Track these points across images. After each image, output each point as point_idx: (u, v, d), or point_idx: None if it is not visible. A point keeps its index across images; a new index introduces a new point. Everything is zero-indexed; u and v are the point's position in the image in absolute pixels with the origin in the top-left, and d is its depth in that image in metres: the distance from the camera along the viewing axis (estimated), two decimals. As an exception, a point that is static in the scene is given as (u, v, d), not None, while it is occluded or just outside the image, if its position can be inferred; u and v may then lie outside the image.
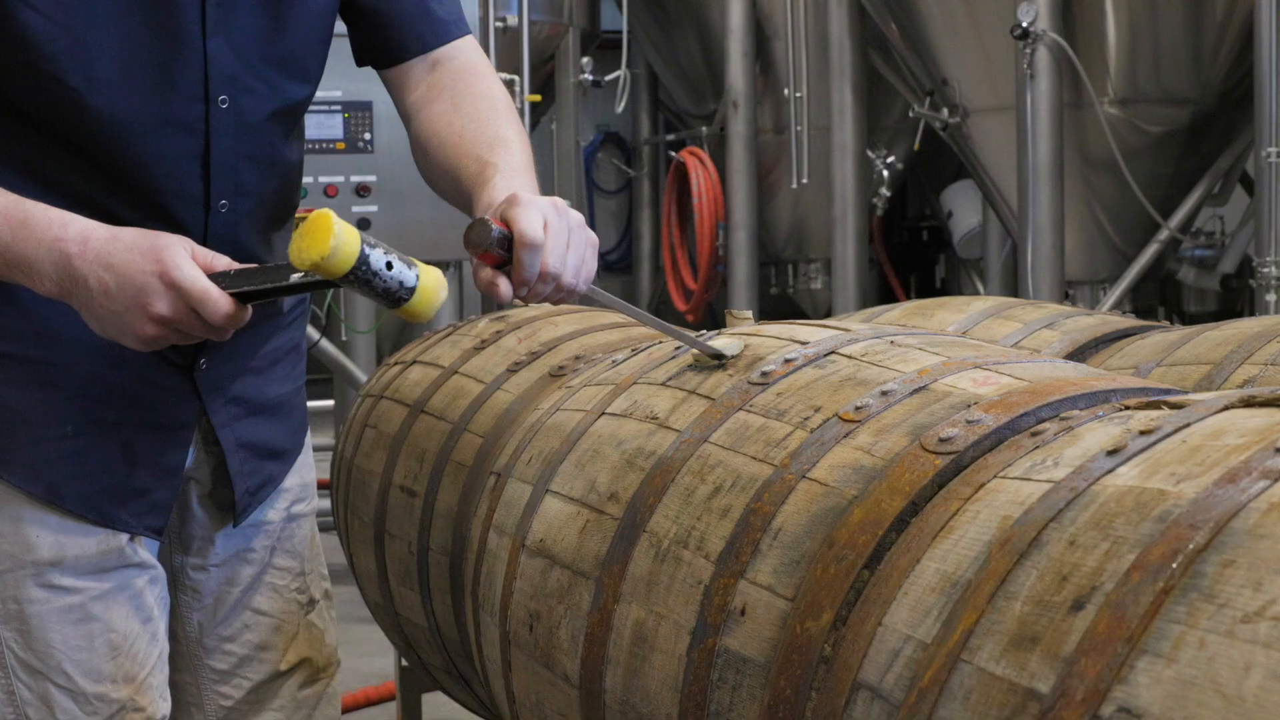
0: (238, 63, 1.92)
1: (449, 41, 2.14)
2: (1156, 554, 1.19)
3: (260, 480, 2.14)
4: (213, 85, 1.91)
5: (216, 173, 1.94)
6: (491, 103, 2.10)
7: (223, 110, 1.92)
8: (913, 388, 1.78)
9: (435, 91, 2.11)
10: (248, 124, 1.96)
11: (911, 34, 6.61)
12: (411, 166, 2.16)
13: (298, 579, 2.23)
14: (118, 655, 2.00)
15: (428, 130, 2.09)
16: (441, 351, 3.16)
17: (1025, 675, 1.24)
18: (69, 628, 1.98)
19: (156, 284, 1.69)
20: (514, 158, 1.98)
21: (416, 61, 2.14)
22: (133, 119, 1.87)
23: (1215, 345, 2.57)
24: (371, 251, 1.65)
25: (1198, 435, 1.35)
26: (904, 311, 3.42)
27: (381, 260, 1.66)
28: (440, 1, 2.14)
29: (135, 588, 2.02)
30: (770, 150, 7.95)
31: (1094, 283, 6.41)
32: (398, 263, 1.67)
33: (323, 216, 1.64)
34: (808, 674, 1.56)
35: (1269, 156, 5.40)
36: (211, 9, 1.88)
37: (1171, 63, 6.06)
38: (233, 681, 2.20)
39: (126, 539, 2.01)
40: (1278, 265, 5.43)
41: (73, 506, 1.97)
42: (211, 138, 1.92)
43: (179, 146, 1.91)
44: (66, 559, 1.97)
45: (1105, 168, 6.16)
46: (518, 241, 1.77)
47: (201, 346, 2.02)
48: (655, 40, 8.57)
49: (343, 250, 1.62)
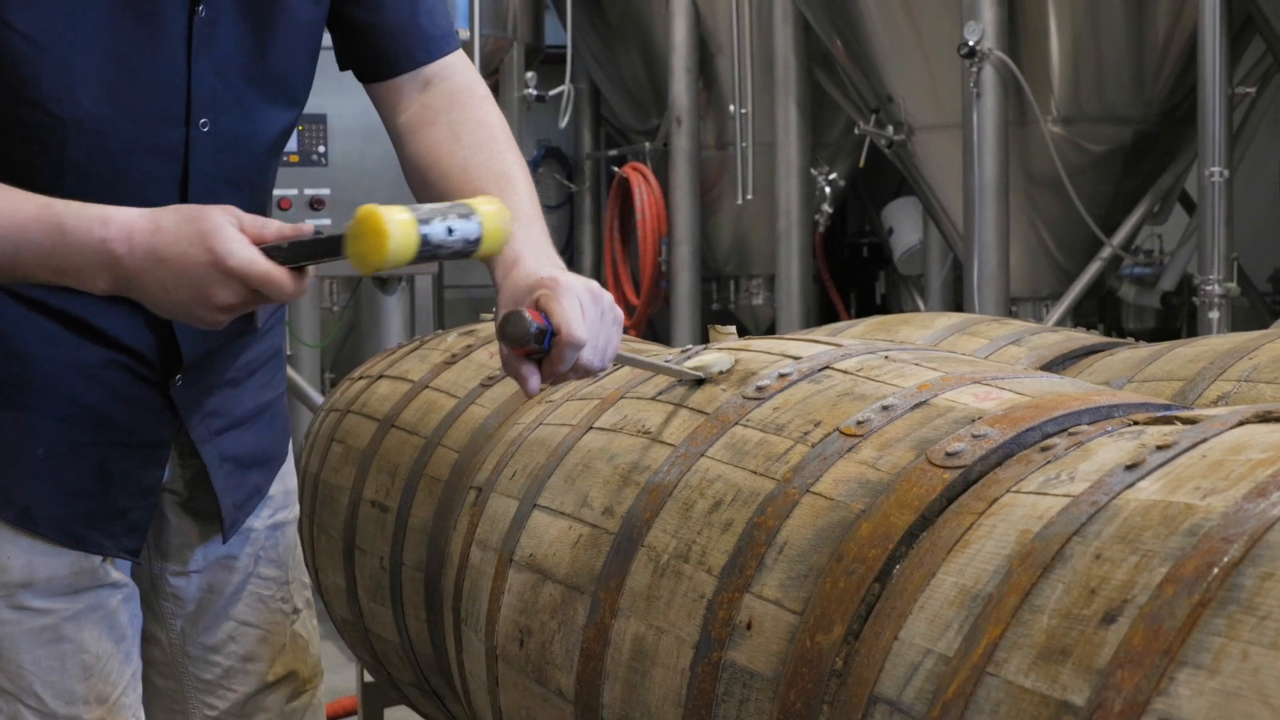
0: (220, 84, 1.88)
1: (439, 58, 2.10)
2: (1190, 567, 1.21)
3: (247, 493, 2.12)
4: (194, 108, 1.86)
5: (194, 195, 1.89)
6: (490, 131, 2.06)
7: (203, 133, 1.88)
8: (913, 402, 1.79)
9: (430, 115, 2.06)
10: (226, 146, 1.91)
11: (857, 51, 6.64)
12: (365, 179, 2.15)
13: (281, 588, 2.21)
14: (90, 676, 1.97)
15: (427, 159, 2.04)
16: (410, 365, 3.15)
17: (1057, 688, 1.25)
18: (40, 649, 1.94)
19: (214, 274, 1.63)
20: (524, 202, 1.94)
21: (407, 78, 2.09)
22: (112, 143, 1.83)
23: (1187, 362, 2.60)
24: (429, 229, 1.59)
25: (1218, 450, 1.37)
26: (867, 327, 3.44)
27: (442, 230, 1.60)
28: (431, 15, 2.10)
29: (108, 607, 1.99)
30: (713, 166, 7.97)
31: (1036, 299, 6.46)
32: (457, 221, 1.61)
33: (371, 218, 1.57)
34: (819, 688, 1.57)
35: (1211, 176, 5.46)
36: (198, 29, 1.84)
37: (1114, 82, 6.12)
38: (218, 692, 2.17)
39: (100, 559, 1.98)
40: (1220, 283, 5.50)
41: (46, 531, 1.93)
42: (190, 161, 1.88)
43: (158, 170, 1.87)
44: (38, 580, 1.93)
45: (1048, 186, 6.21)
46: (563, 341, 1.74)
47: (177, 364, 1.99)
48: (598, 55, 8.57)
49: (401, 249, 1.57)
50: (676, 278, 7.82)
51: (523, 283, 1.82)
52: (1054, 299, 6.38)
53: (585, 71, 8.81)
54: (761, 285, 8.16)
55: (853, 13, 6.52)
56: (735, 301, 8.28)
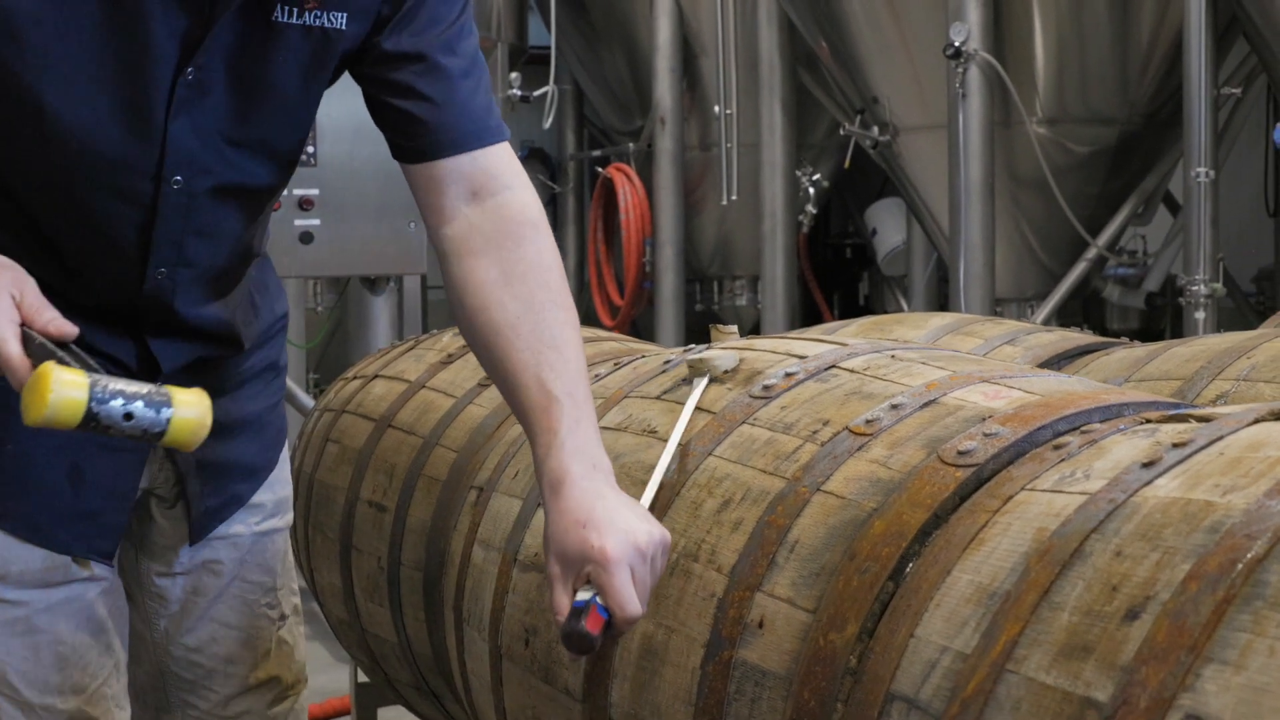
0: (198, 144, 1.85)
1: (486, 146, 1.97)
2: (1213, 564, 1.21)
3: (222, 500, 2.11)
4: (168, 166, 1.85)
5: (159, 244, 1.89)
6: (545, 279, 1.92)
7: (173, 189, 1.86)
8: (923, 401, 1.80)
9: (479, 242, 1.94)
10: (201, 204, 1.89)
11: (842, 52, 6.66)
12: (354, 179, 2.12)
13: (269, 593, 2.21)
14: (66, 666, 1.98)
15: (475, 301, 1.92)
16: (405, 366, 3.14)
17: (1080, 684, 1.25)
18: (14, 639, 1.95)
19: None
20: (575, 381, 1.85)
21: (449, 171, 1.95)
22: (79, 182, 1.83)
23: (1184, 361, 2.62)
24: (103, 408, 1.60)
25: (1234, 448, 1.38)
26: (861, 328, 3.45)
27: (118, 412, 1.61)
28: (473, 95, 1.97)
29: (85, 599, 2.00)
30: (696, 167, 7.98)
31: (1021, 300, 6.48)
32: (142, 409, 1.62)
33: (42, 376, 1.60)
34: (833, 686, 1.57)
35: (1197, 176, 5.49)
36: (181, 90, 1.81)
37: (1099, 84, 6.15)
38: (199, 692, 2.18)
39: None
40: (1206, 284, 5.53)
41: (10, 527, 1.94)
42: (158, 213, 1.87)
43: (122, 213, 1.87)
44: (10, 573, 1.94)
45: (1034, 186, 6.24)
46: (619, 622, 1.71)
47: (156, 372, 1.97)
48: (582, 56, 8.58)
49: (61, 414, 1.59)
50: (660, 279, 7.83)
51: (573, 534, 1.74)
52: (1039, 300, 6.41)
53: (569, 72, 8.82)
54: (745, 286, 8.18)
55: (838, 14, 6.53)
56: (719, 302, 8.29)
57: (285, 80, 1.89)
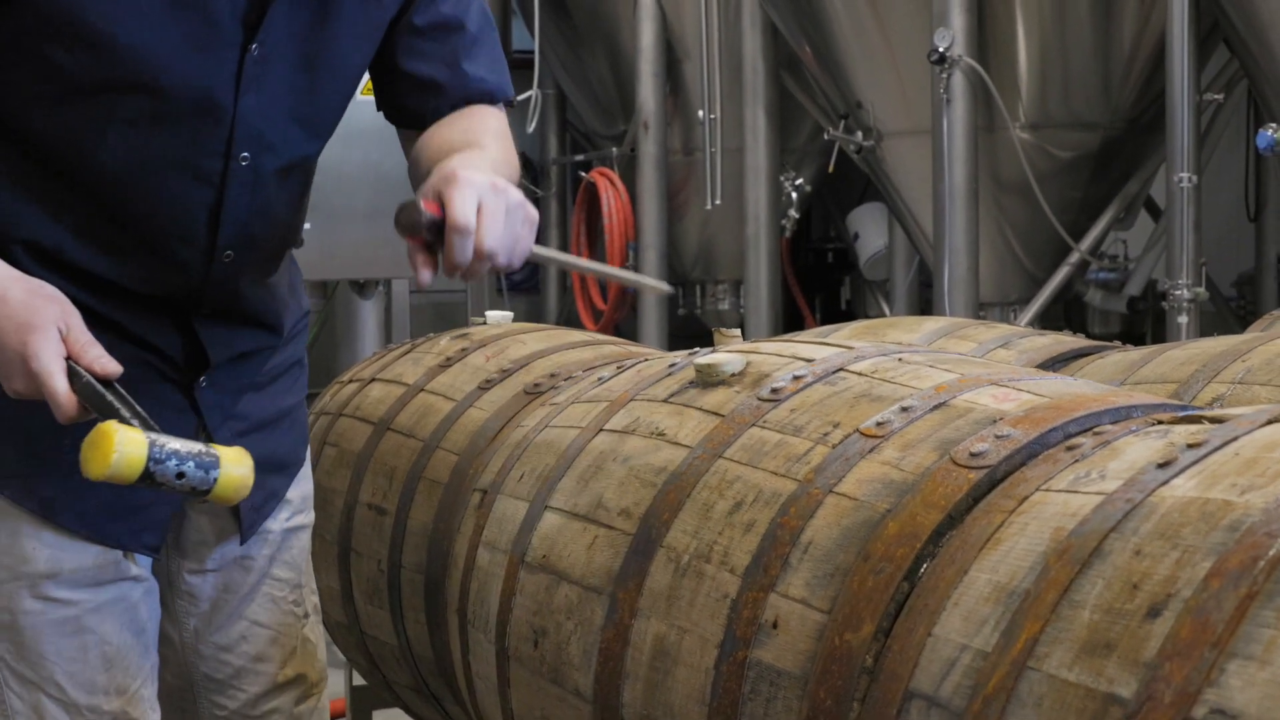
0: (264, 121, 1.92)
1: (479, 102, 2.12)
2: (1235, 561, 1.23)
3: (264, 496, 2.14)
4: (236, 142, 1.90)
5: (226, 225, 1.94)
6: (483, 121, 2.09)
7: (242, 167, 1.92)
8: (933, 403, 1.82)
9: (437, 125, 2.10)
10: (264, 180, 1.95)
11: (826, 57, 6.68)
12: (344, 184, 2.18)
13: (295, 590, 2.23)
14: (111, 667, 2.01)
15: (418, 148, 2.09)
16: (403, 369, 3.15)
17: (1103, 681, 1.27)
18: (63, 639, 1.98)
19: (18, 363, 1.74)
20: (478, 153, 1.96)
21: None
22: (149, 164, 1.88)
23: (1179, 364, 2.64)
24: (158, 467, 1.70)
25: (1250, 448, 1.40)
26: (854, 331, 3.47)
27: (172, 471, 1.71)
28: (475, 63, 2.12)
29: (130, 600, 2.03)
30: (679, 171, 7.99)
31: (1005, 304, 6.51)
32: (193, 470, 1.72)
33: (106, 436, 1.68)
34: (849, 685, 1.59)
35: (1180, 181, 5.53)
36: (250, 66, 1.87)
37: (1081, 89, 6.19)
38: (229, 692, 2.19)
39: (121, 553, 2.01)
40: (1188, 288, 5.57)
41: (67, 523, 1.97)
42: (226, 192, 1.92)
43: (192, 196, 1.92)
44: (63, 572, 1.97)
45: (1017, 191, 6.27)
46: (449, 226, 1.77)
47: (203, 364, 2.01)
48: (565, 60, 8.59)
49: (122, 473, 1.69)
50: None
51: (433, 177, 1.85)
52: (1022, 304, 6.44)
53: (552, 76, 8.82)
54: (728, 290, 8.19)
55: (822, 18, 6.55)
56: (702, 307, 8.31)
57: (344, 52, 1.96)
